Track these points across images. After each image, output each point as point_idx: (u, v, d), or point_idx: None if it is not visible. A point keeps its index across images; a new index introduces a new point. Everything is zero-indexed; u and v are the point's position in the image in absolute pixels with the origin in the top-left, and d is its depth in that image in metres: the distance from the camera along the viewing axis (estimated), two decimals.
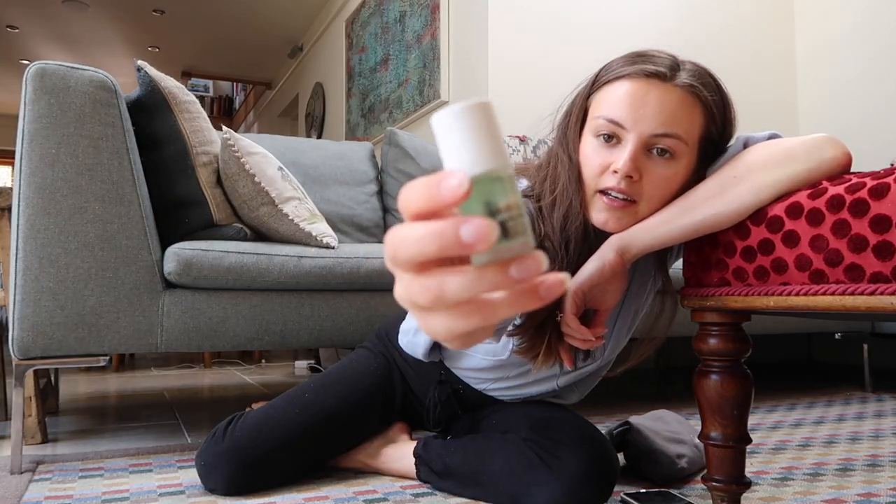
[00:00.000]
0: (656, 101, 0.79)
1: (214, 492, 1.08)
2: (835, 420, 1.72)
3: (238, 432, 1.09)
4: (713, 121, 0.83)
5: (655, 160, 0.80)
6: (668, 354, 2.97)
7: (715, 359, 0.81)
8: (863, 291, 0.62)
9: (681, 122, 0.79)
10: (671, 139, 0.79)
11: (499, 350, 1.03)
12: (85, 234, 1.25)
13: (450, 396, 1.17)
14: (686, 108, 0.80)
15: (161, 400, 2.10)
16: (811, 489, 1.10)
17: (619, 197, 0.80)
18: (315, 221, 1.52)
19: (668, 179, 0.80)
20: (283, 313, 1.42)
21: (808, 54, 3.18)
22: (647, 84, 0.80)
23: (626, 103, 0.80)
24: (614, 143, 0.81)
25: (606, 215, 0.82)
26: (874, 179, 0.62)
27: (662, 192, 0.81)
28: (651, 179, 0.80)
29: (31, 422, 1.45)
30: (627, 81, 0.81)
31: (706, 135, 0.83)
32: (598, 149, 0.82)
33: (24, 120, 1.23)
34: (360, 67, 4.06)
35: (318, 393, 1.15)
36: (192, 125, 1.45)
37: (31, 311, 1.21)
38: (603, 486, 0.96)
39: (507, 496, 1.00)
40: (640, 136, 0.79)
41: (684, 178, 0.82)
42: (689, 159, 0.82)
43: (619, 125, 0.80)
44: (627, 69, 0.82)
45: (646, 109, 0.79)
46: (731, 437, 0.79)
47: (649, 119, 0.79)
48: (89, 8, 5.03)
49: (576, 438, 0.98)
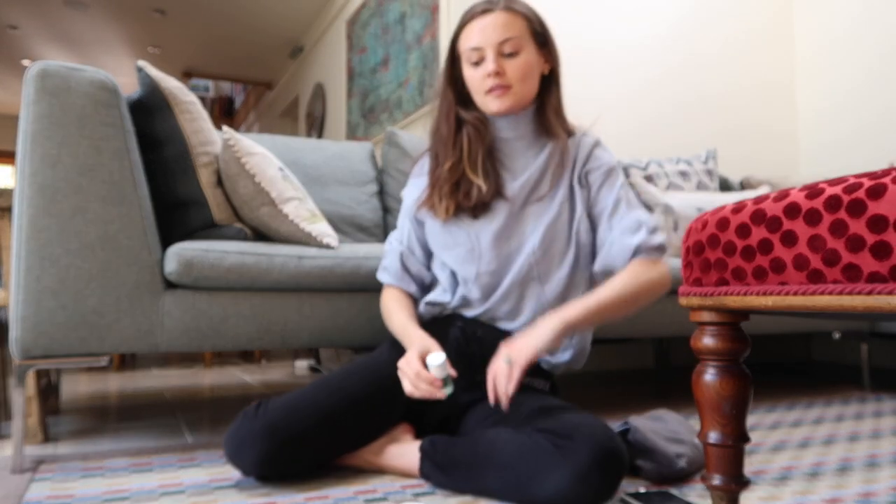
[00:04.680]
0: (491, 24, 1.20)
1: (247, 472, 1.11)
2: (833, 419, 1.72)
3: (272, 412, 1.12)
4: (532, 20, 1.24)
5: (508, 58, 1.21)
6: (668, 354, 2.97)
7: (713, 358, 0.81)
8: (860, 291, 0.62)
9: (512, 28, 1.20)
10: (511, 41, 1.20)
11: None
12: (86, 235, 1.25)
13: (468, 336, 1.27)
14: (511, 19, 1.20)
15: (162, 400, 2.11)
16: (810, 488, 1.10)
17: (497, 87, 1.20)
18: (315, 222, 1.52)
19: (523, 65, 1.21)
20: (284, 313, 1.43)
21: (807, 65, 3.18)
22: (483, 17, 1.21)
23: (476, 34, 1.21)
24: (481, 62, 1.22)
25: (497, 102, 1.22)
26: (871, 180, 0.62)
27: (524, 74, 1.21)
28: (512, 70, 1.21)
29: (32, 421, 1.46)
30: (471, 22, 1.22)
31: (532, 29, 1.23)
32: (474, 70, 1.23)
33: (25, 120, 1.23)
34: (360, 68, 4.06)
35: (343, 378, 1.20)
36: (192, 125, 1.45)
37: (33, 311, 1.22)
38: (613, 475, 0.97)
39: (514, 484, 1.01)
40: (492, 48, 1.20)
41: (534, 59, 1.23)
42: (530, 48, 1.22)
43: (478, 49, 1.21)
44: (468, 15, 1.23)
45: (488, 31, 1.20)
46: (730, 437, 0.79)
47: (492, 35, 1.19)
48: (90, 8, 5.04)
49: (588, 428, 1.00)
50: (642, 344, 2.98)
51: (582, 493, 0.95)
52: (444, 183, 1.26)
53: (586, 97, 2.77)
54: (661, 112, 2.94)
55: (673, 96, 2.97)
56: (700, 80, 3.04)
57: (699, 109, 3.03)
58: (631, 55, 2.89)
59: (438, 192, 1.27)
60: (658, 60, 2.95)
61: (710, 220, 0.79)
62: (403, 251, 1.35)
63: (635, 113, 2.89)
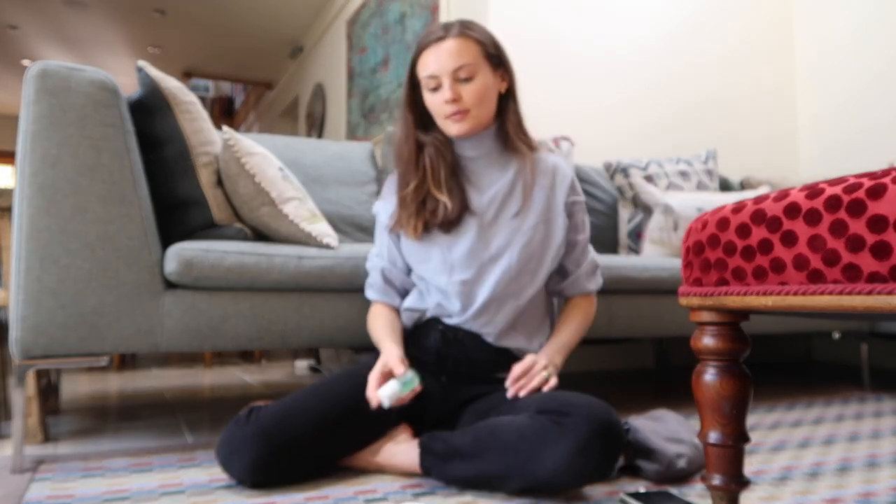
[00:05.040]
0: (446, 52, 1.23)
1: (239, 479, 1.10)
2: (833, 420, 1.72)
3: (264, 418, 1.12)
4: (485, 43, 1.27)
5: (464, 83, 1.24)
6: (669, 354, 2.97)
7: (713, 358, 0.81)
8: (860, 291, 0.62)
9: (466, 54, 1.23)
10: (465, 67, 1.23)
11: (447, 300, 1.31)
12: (86, 235, 1.25)
13: (448, 338, 1.31)
14: (464, 45, 1.24)
15: (162, 400, 2.11)
16: (810, 489, 1.10)
17: (456, 113, 1.25)
18: (315, 221, 1.52)
19: (479, 89, 1.25)
20: (284, 313, 1.43)
21: (808, 70, 3.19)
22: (437, 45, 1.24)
23: (432, 62, 1.24)
24: (439, 88, 1.25)
25: (456, 126, 1.26)
26: (871, 180, 0.62)
27: (480, 97, 1.25)
28: (468, 95, 1.24)
29: (32, 421, 1.46)
30: (427, 50, 1.25)
31: (486, 52, 1.26)
32: (433, 96, 1.27)
33: (25, 120, 1.23)
34: (360, 68, 4.06)
35: (335, 384, 1.21)
36: (192, 125, 1.45)
37: (33, 311, 1.22)
38: (612, 447, 1.01)
39: (515, 464, 1.03)
40: (448, 75, 1.23)
41: (490, 81, 1.27)
42: (485, 71, 1.26)
43: (434, 77, 1.24)
44: (423, 43, 1.26)
45: (442, 59, 1.23)
46: (730, 437, 0.80)
47: (447, 63, 1.23)
48: (89, 8, 5.04)
49: (585, 403, 1.05)
50: (642, 344, 2.98)
51: (582, 466, 0.98)
52: (411, 203, 1.30)
53: (589, 101, 2.77)
54: (661, 116, 2.94)
55: (673, 101, 2.98)
56: (701, 85, 3.04)
57: (700, 114, 3.04)
58: (632, 60, 2.89)
59: (406, 212, 1.30)
60: (658, 66, 2.95)
61: (711, 220, 0.79)
62: (384, 266, 1.38)
63: (637, 117, 2.89)
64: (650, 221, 2.20)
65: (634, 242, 2.31)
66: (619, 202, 2.39)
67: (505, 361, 1.30)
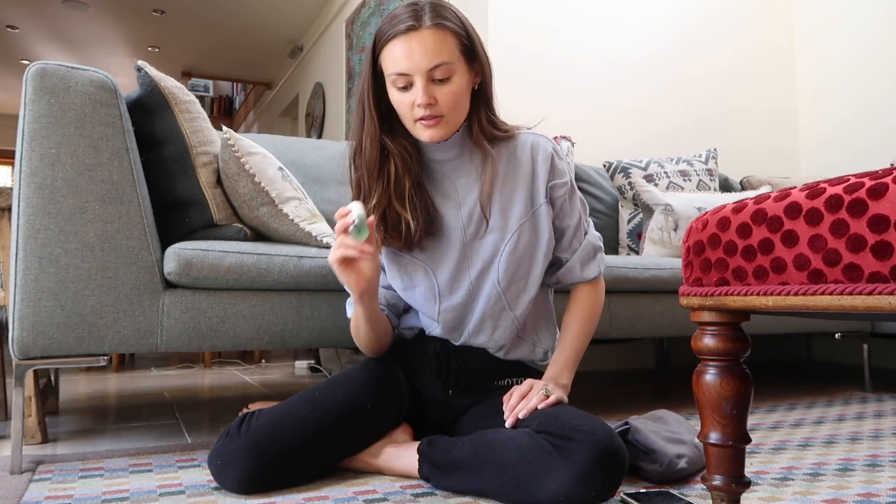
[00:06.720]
0: (420, 47, 1.06)
1: (231, 491, 1.08)
2: (835, 420, 1.72)
3: (255, 428, 1.09)
4: (460, 34, 1.11)
5: (439, 85, 1.09)
6: (669, 354, 2.97)
7: (714, 358, 0.81)
8: (861, 291, 0.62)
9: (442, 51, 1.07)
10: (442, 67, 1.07)
11: (432, 318, 1.25)
12: (85, 234, 1.25)
13: (448, 350, 1.26)
14: (441, 38, 1.07)
15: (161, 400, 2.11)
16: (811, 489, 1.10)
17: (428, 118, 1.10)
18: (315, 221, 1.52)
19: (455, 91, 1.10)
20: (283, 313, 1.42)
21: (810, 87, 3.18)
22: (408, 37, 1.06)
23: (402, 58, 1.07)
24: (409, 87, 1.09)
25: (430, 132, 1.11)
26: (872, 179, 0.62)
27: (456, 100, 1.10)
28: (444, 98, 1.09)
29: (31, 422, 1.45)
30: (395, 41, 1.07)
31: (462, 46, 1.11)
32: (402, 96, 1.10)
33: (24, 120, 1.23)
34: (360, 67, 4.06)
35: (328, 391, 1.18)
36: (192, 125, 1.45)
37: (32, 311, 1.21)
38: (614, 475, 0.97)
39: (514, 485, 1.00)
40: (422, 75, 1.07)
41: (466, 80, 1.13)
42: (462, 69, 1.11)
43: (405, 75, 1.08)
44: (390, 32, 1.08)
45: (416, 56, 1.06)
46: (731, 437, 0.79)
47: (421, 61, 1.06)
48: (89, 8, 5.04)
49: (588, 428, 0.99)
50: (642, 344, 2.97)
51: (583, 494, 0.95)
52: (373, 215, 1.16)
53: (591, 110, 2.77)
54: (664, 126, 2.95)
55: (676, 111, 2.98)
56: (704, 96, 3.04)
57: (702, 124, 3.04)
58: (635, 70, 2.89)
59: None
60: (662, 75, 2.95)
61: (711, 220, 0.79)
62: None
63: (639, 126, 2.89)
64: (650, 221, 2.19)
65: (634, 242, 2.31)
66: (620, 202, 2.39)
67: (510, 369, 1.27)
